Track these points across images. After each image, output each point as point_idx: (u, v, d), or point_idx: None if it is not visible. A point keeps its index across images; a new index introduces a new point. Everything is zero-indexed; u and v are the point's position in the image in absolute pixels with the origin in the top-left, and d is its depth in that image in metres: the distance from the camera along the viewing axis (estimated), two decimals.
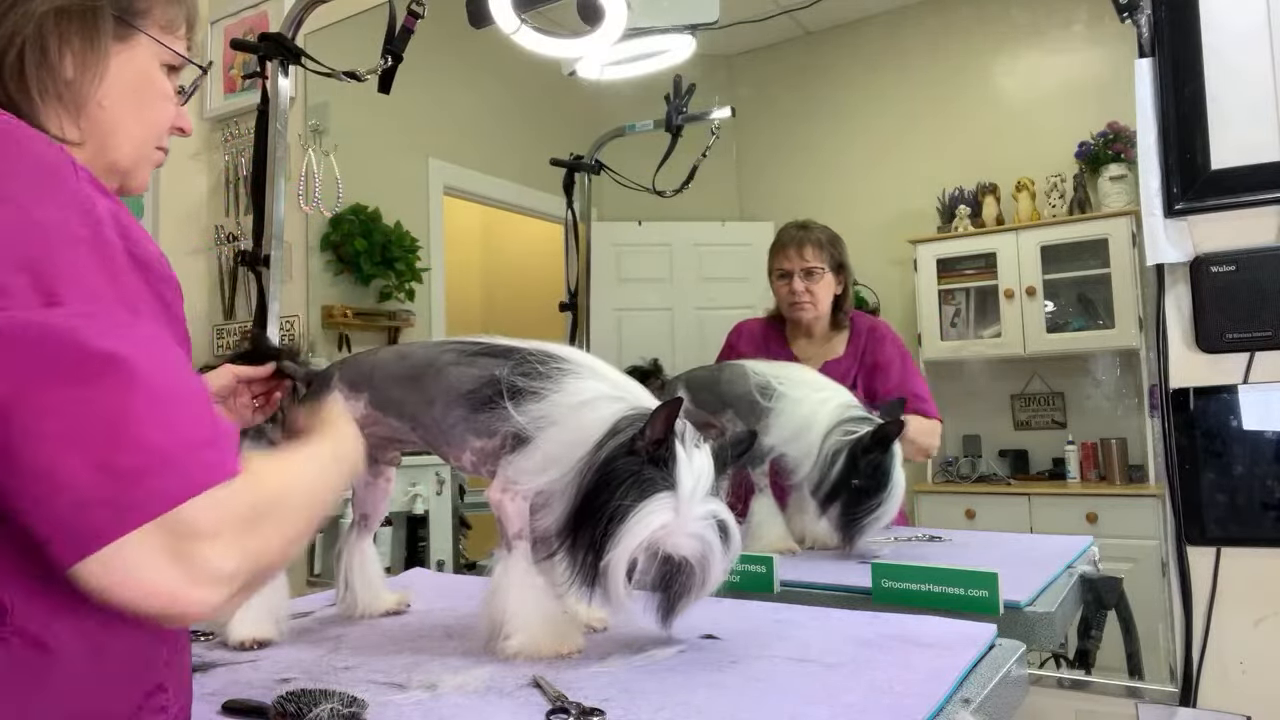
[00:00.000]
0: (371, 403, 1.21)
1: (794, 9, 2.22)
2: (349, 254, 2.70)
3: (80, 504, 0.52)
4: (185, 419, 0.56)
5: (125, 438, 0.53)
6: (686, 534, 0.97)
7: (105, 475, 0.52)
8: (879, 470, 1.51)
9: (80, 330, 0.54)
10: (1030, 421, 2.60)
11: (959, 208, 2.81)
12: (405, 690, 0.94)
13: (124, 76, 0.77)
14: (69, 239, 0.58)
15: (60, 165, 0.62)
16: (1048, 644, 1.25)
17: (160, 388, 0.56)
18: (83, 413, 0.52)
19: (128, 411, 0.53)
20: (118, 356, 0.54)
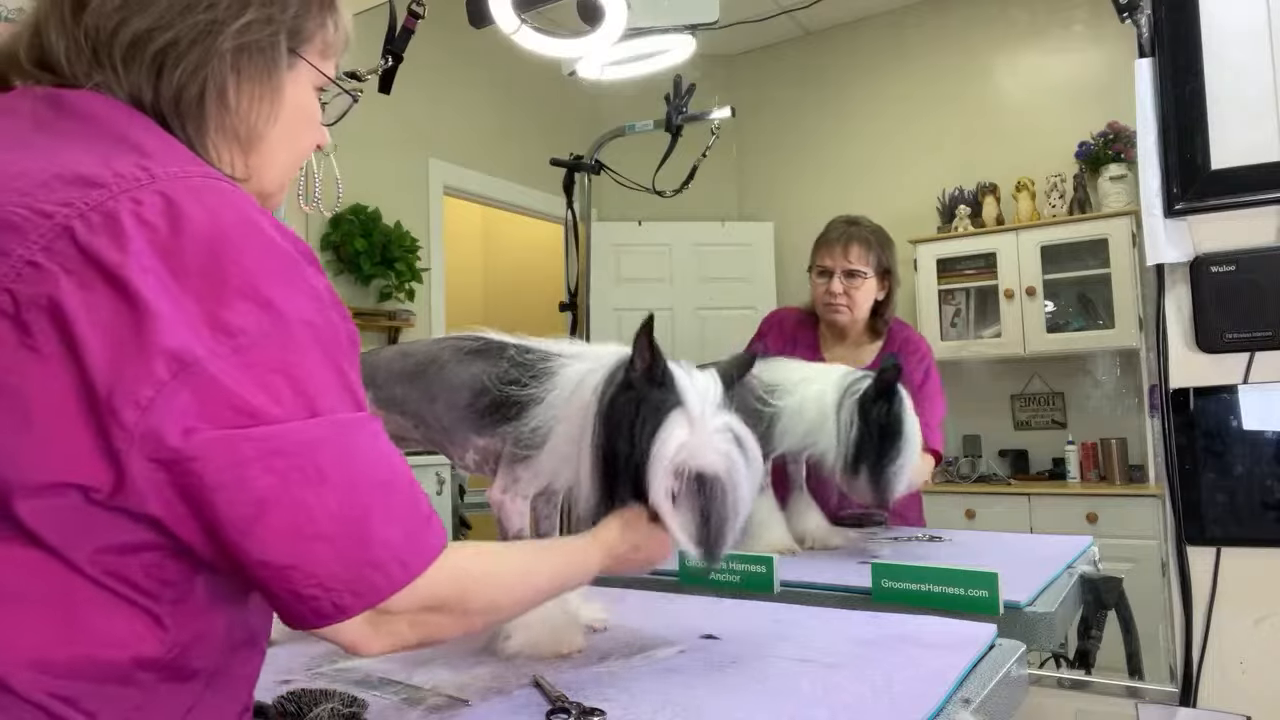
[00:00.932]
0: (375, 401, 1.21)
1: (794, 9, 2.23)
2: (349, 254, 2.70)
3: (322, 589, 0.59)
4: (406, 511, 0.63)
5: (366, 536, 0.60)
6: (710, 449, 0.95)
7: (345, 567, 0.59)
8: (890, 414, 1.50)
9: (334, 442, 0.59)
10: (1030, 421, 2.60)
11: (959, 208, 2.81)
12: (405, 690, 0.94)
13: (289, 107, 0.74)
14: (315, 339, 0.60)
15: (291, 251, 0.62)
16: (1048, 644, 1.25)
17: (389, 485, 0.62)
18: (333, 514, 0.59)
19: (368, 512, 0.60)
20: (361, 462, 0.61)
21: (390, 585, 0.62)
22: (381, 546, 0.61)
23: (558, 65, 2.09)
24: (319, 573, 0.59)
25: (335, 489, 0.59)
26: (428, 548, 0.64)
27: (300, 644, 1.15)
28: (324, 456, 0.59)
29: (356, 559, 0.60)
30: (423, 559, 0.63)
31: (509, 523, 1.09)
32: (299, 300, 0.60)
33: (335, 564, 0.59)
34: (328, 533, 0.59)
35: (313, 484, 0.58)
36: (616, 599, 1.27)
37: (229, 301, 0.57)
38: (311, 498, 0.58)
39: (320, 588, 0.59)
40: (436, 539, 0.65)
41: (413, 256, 2.88)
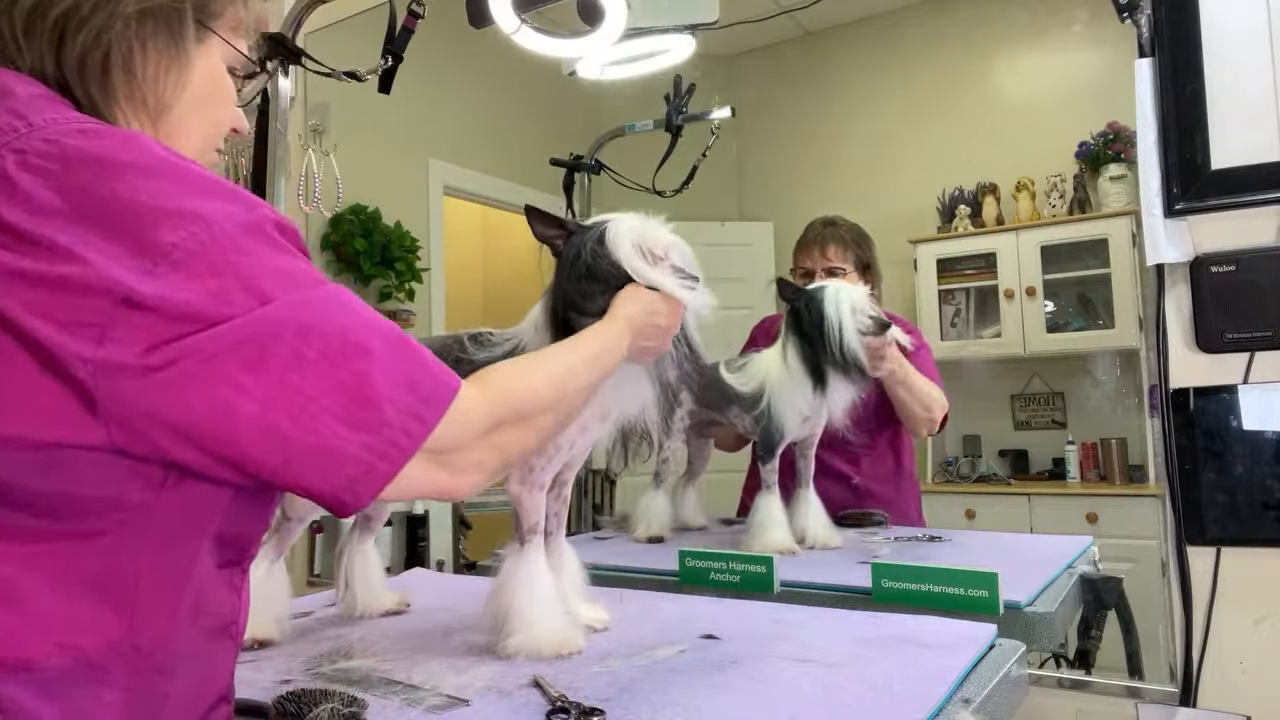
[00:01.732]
0: None
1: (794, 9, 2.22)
2: (349, 254, 2.70)
3: (359, 464, 0.60)
4: (399, 360, 0.63)
5: (371, 399, 0.60)
6: (654, 227, 1.05)
7: (368, 434, 0.60)
8: (811, 302, 1.60)
9: (300, 321, 0.59)
10: (1030, 421, 2.60)
11: (959, 208, 2.81)
12: (405, 690, 0.94)
13: (199, 79, 0.74)
14: (251, 235, 0.60)
15: (205, 171, 0.63)
16: (1048, 644, 1.25)
17: (373, 340, 0.62)
18: (333, 389, 0.59)
19: (365, 375, 0.61)
20: (335, 328, 0.60)
21: (414, 437, 0.62)
22: (390, 403, 0.61)
23: (558, 65, 2.09)
24: (339, 446, 0.59)
25: (316, 365, 0.59)
26: (440, 387, 0.65)
27: (300, 644, 1.15)
28: (293, 337, 0.58)
29: (370, 422, 0.60)
30: (440, 399, 0.65)
31: (525, 516, 1.09)
32: (224, 205, 0.60)
33: (350, 434, 0.59)
34: (329, 408, 0.59)
35: (292, 367, 0.58)
36: (616, 599, 1.27)
37: (151, 222, 0.57)
38: (297, 380, 0.58)
39: (349, 461, 0.60)
40: (446, 376, 0.66)
41: (413, 256, 2.88)
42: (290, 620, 1.21)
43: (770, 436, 1.63)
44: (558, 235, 1.06)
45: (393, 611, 1.30)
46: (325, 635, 1.20)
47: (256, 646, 1.13)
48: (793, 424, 1.63)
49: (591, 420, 1.07)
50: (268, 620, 1.16)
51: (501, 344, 1.11)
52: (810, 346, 1.59)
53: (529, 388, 0.76)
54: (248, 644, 1.13)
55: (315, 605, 1.36)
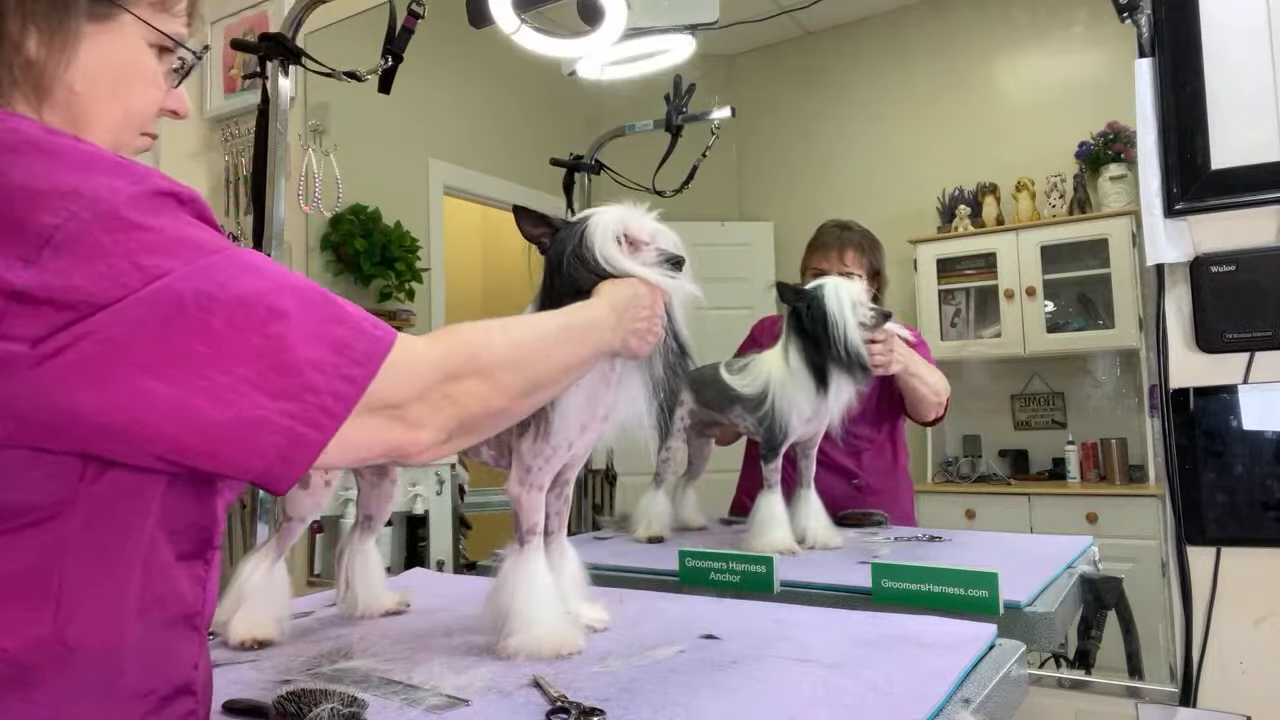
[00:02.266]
0: None
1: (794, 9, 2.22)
2: (349, 254, 2.70)
3: (286, 434, 0.57)
4: (321, 320, 0.60)
5: (290, 364, 0.58)
6: (637, 216, 1.05)
7: (291, 402, 0.57)
8: (812, 302, 1.60)
9: (201, 290, 0.56)
10: (1030, 421, 2.60)
11: (959, 208, 2.81)
12: (405, 690, 0.94)
13: (101, 60, 0.69)
14: (139, 206, 0.57)
15: (85, 145, 0.59)
16: (1048, 644, 1.25)
17: (287, 301, 0.59)
18: (247, 357, 0.56)
19: (281, 339, 0.58)
20: (243, 292, 0.57)
21: (345, 400, 0.59)
22: (313, 366, 0.58)
23: (558, 65, 2.09)
24: (262, 415, 0.56)
25: (225, 334, 0.56)
26: (373, 342, 0.62)
27: (300, 644, 1.15)
28: (195, 308, 0.55)
29: (291, 388, 0.57)
30: (373, 355, 0.61)
31: (524, 517, 1.09)
32: (107, 180, 0.57)
33: (271, 404, 0.56)
34: (246, 377, 0.56)
35: (199, 339, 0.55)
36: (616, 599, 1.27)
37: (25, 206, 0.54)
38: (205, 352, 0.55)
39: (275, 433, 0.57)
40: (379, 331, 0.63)
41: (413, 256, 2.88)
42: (290, 620, 1.21)
43: (774, 436, 1.64)
44: (544, 234, 1.07)
45: (393, 611, 1.30)
46: (325, 635, 1.20)
47: (256, 646, 1.13)
48: (796, 424, 1.63)
49: (592, 420, 1.07)
50: (268, 620, 1.16)
51: None
52: (814, 346, 1.59)
53: (485, 342, 0.74)
54: (248, 644, 1.13)
55: (315, 605, 1.36)
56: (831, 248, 1.94)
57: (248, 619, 1.14)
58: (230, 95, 2.75)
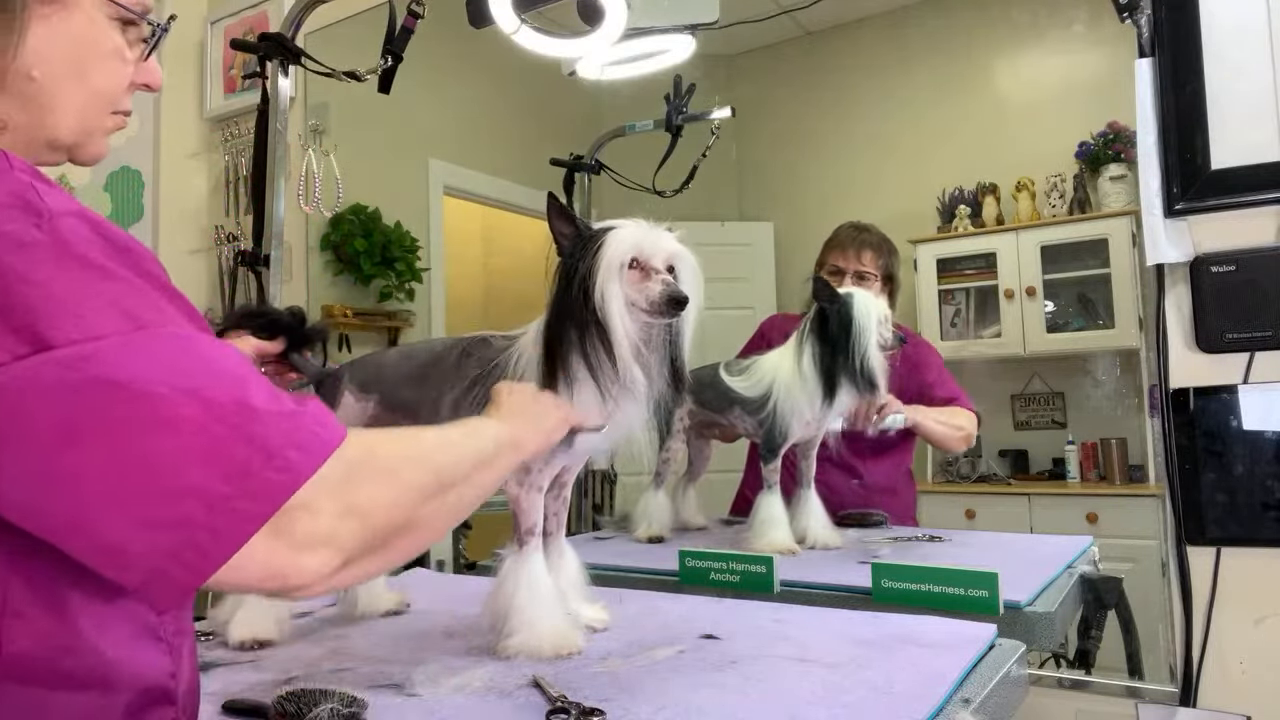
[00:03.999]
0: (382, 403, 1.21)
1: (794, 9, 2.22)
2: (349, 254, 2.70)
3: (147, 570, 0.49)
4: (225, 434, 0.51)
5: (169, 490, 0.49)
6: (664, 237, 1.03)
7: (162, 532, 0.48)
8: (841, 314, 1.58)
9: (81, 374, 0.47)
10: (1030, 421, 2.60)
11: (959, 208, 2.81)
12: (405, 690, 0.94)
13: (57, 41, 0.64)
14: (37, 256, 0.49)
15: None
16: (1048, 644, 1.25)
17: (187, 408, 0.50)
18: (116, 472, 0.48)
19: (160, 458, 0.49)
20: (132, 392, 0.48)
21: (227, 540, 0.49)
22: (196, 497, 0.49)
23: (558, 65, 2.09)
24: (120, 543, 0.48)
25: (96, 440, 0.47)
26: (281, 469, 0.51)
27: (300, 644, 1.15)
28: (66, 400, 0.47)
29: (164, 520, 0.48)
30: (278, 487, 0.51)
31: (524, 517, 1.09)
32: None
33: (135, 533, 0.48)
34: (110, 495, 0.48)
35: (67, 439, 0.47)
36: (616, 599, 1.27)
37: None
38: (72, 459, 0.47)
39: (137, 561, 0.49)
40: (295, 447, 0.53)
41: (413, 256, 2.88)
42: (290, 620, 1.21)
43: (773, 439, 1.63)
44: (568, 235, 1.06)
45: (393, 611, 1.30)
46: (325, 635, 1.20)
47: (256, 646, 1.13)
48: (797, 427, 1.63)
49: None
50: (268, 620, 1.16)
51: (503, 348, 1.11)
52: (830, 351, 1.58)
53: (411, 445, 0.65)
54: (248, 644, 1.13)
55: (315, 605, 1.36)
56: (850, 246, 1.94)
57: (248, 619, 1.14)
58: (230, 95, 2.75)
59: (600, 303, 0.99)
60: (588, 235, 1.04)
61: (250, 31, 2.59)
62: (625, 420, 1.06)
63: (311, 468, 0.53)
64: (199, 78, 2.80)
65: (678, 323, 1.06)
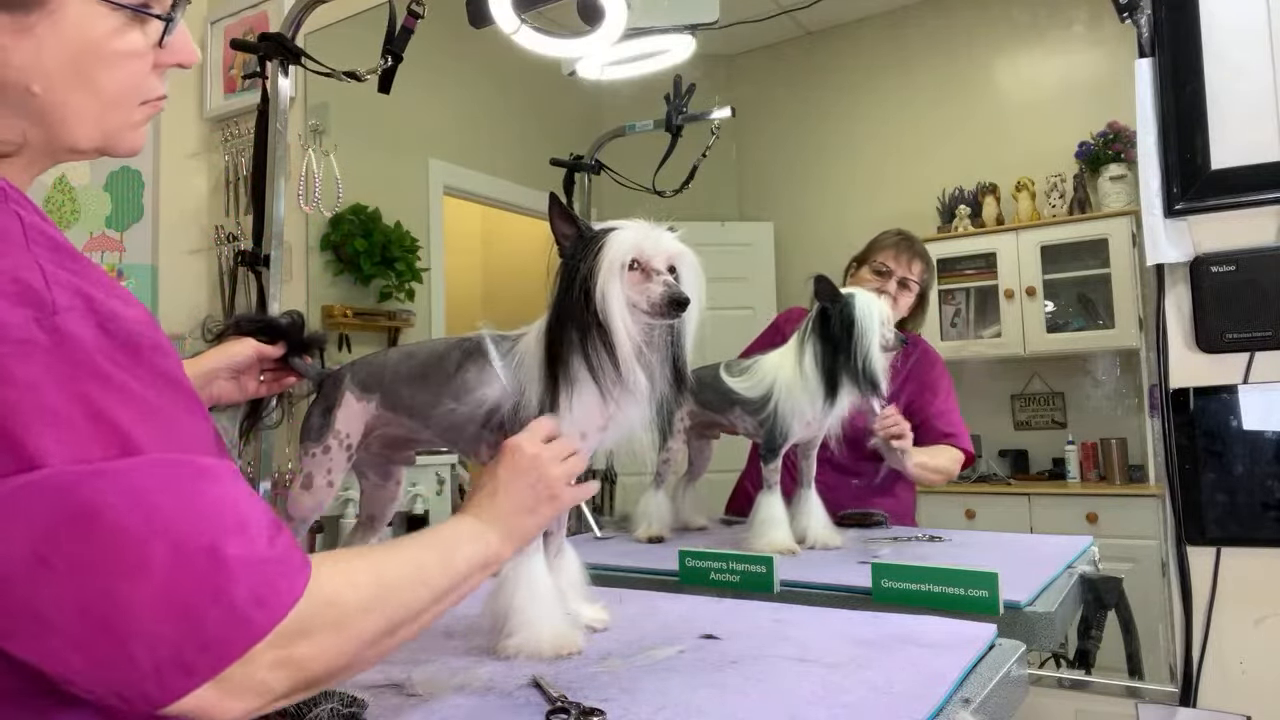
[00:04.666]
0: (383, 404, 1.21)
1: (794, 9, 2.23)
2: (349, 254, 2.70)
3: (95, 697, 0.49)
4: (185, 580, 0.49)
5: (118, 635, 0.48)
6: (666, 238, 1.03)
7: (108, 671, 0.48)
8: (843, 314, 1.58)
9: (57, 505, 0.46)
10: (1030, 421, 2.60)
11: (959, 208, 2.81)
12: (405, 690, 0.94)
13: (49, 52, 0.59)
14: (34, 359, 0.47)
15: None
16: (1048, 644, 1.25)
17: (154, 548, 0.48)
18: (74, 608, 0.47)
19: (118, 600, 0.47)
20: (104, 526, 0.47)
21: (169, 692, 0.49)
22: (143, 642, 0.48)
23: (558, 65, 2.09)
24: (68, 675, 0.48)
25: (61, 572, 0.46)
26: (235, 625, 0.50)
27: None
28: (42, 527, 0.46)
29: (112, 658, 0.48)
30: (229, 642, 0.50)
31: None
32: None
33: (85, 668, 0.48)
34: (60, 629, 0.47)
35: (32, 568, 0.46)
36: (616, 599, 1.27)
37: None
38: (30, 590, 0.46)
39: (80, 687, 0.49)
40: (251, 609, 0.51)
41: (413, 256, 2.88)
42: None
43: (774, 439, 1.63)
44: (570, 236, 1.06)
45: None
46: None
47: None
48: (798, 427, 1.63)
49: (590, 429, 1.06)
50: None
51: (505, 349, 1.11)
52: (832, 351, 1.58)
53: (347, 581, 0.60)
54: None
55: None
56: (903, 252, 1.94)
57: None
58: (230, 95, 2.75)
59: (601, 303, 0.99)
60: (589, 236, 1.04)
61: (250, 31, 2.59)
62: (627, 421, 1.06)
63: (268, 625, 0.52)
64: (199, 78, 2.80)
65: (679, 323, 1.06)
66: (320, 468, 1.21)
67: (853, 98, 3.02)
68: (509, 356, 1.09)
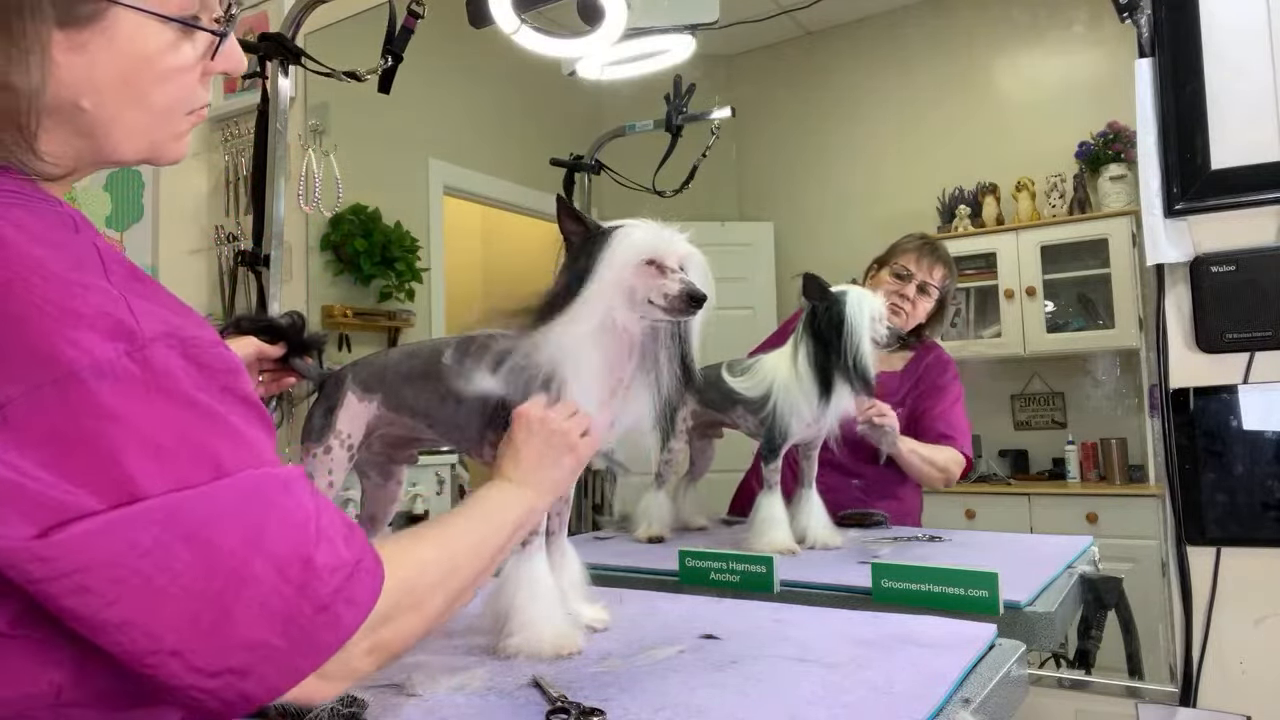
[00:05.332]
0: (385, 404, 1.21)
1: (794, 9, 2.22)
2: (349, 254, 2.70)
3: (193, 704, 0.52)
4: (282, 589, 0.53)
5: (224, 642, 0.51)
6: (678, 239, 1.03)
7: (207, 679, 0.51)
8: (832, 312, 1.58)
9: (162, 527, 0.49)
10: (1030, 421, 2.60)
11: (959, 208, 2.81)
12: (405, 690, 0.94)
13: (102, 68, 0.59)
14: (128, 392, 0.49)
15: (83, 278, 0.50)
16: (1048, 644, 1.25)
17: (254, 561, 0.52)
18: (184, 618, 0.50)
19: (227, 611, 0.51)
20: (205, 542, 0.50)
21: (271, 690, 0.53)
22: (248, 649, 0.51)
23: (558, 65, 2.09)
24: (172, 685, 0.51)
25: (170, 589, 0.49)
26: (329, 624, 0.54)
27: None
28: (150, 545, 0.48)
29: (212, 669, 0.51)
30: (325, 644, 0.54)
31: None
32: (92, 345, 0.48)
33: (185, 674, 0.50)
34: (171, 645, 0.50)
35: (138, 584, 0.48)
36: (616, 599, 1.27)
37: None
38: (134, 603, 0.49)
39: (180, 697, 0.51)
40: (342, 601, 0.55)
41: (413, 256, 2.88)
42: None
43: (774, 438, 1.63)
44: (578, 233, 1.06)
45: None
46: None
47: None
48: (797, 427, 1.63)
49: (596, 429, 1.06)
50: None
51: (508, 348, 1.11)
52: (824, 350, 1.58)
53: (418, 566, 0.66)
54: None
55: None
56: (925, 256, 1.93)
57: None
58: (230, 95, 2.75)
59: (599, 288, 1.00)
60: (603, 230, 1.04)
61: (250, 31, 2.58)
62: (634, 414, 1.06)
63: (357, 622, 0.57)
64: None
65: (686, 322, 1.06)
66: (321, 468, 1.21)
67: (853, 98, 3.02)
68: (512, 354, 1.09)
